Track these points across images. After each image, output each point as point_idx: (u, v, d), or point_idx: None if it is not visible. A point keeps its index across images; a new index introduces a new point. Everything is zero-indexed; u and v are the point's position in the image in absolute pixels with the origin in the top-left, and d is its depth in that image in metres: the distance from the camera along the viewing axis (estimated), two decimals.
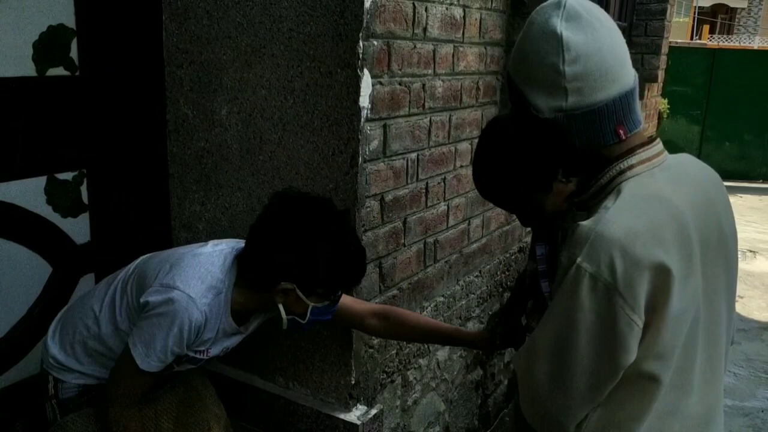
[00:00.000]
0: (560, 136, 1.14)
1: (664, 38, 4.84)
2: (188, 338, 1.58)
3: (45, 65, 1.90)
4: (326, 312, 1.70)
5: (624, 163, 1.15)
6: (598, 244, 1.05)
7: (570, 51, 1.09)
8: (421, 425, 2.52)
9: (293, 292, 1.61)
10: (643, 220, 1.07)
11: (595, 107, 1.11)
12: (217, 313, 1.63)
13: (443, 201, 2.39)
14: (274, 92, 1.94)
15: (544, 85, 1.12)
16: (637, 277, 1.03)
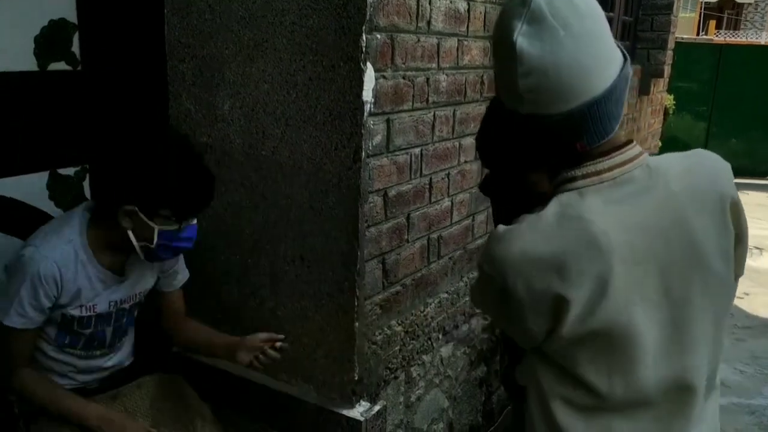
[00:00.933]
0: (519, 132, 1.14)
1: (671, 33, 4.82)
2: (46, 292, 1.61)
3: (46, 60, 1.89)
4: (180, 240, 1.69)
5: (569, 173, 1.12)
6: (498, 257, 1.12)
7: (523, 65, 1.03)
8: (425, 422, 2.51)
9: (137, 216, 1.62)
10: (549, 242, 1.08)
11: (552, 119, 1.06)
12: (74, 261, 1.65)
13: (447, 196, 2.38)
14: (276, 86, 1.93)
15: (504, 85, 1.10)
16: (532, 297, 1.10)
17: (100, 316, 1.76)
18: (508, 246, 1.10)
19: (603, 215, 1.08)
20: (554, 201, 1.11)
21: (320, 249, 1.95)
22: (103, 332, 1.80)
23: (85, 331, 1.76)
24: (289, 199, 1.98)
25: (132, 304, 1.85)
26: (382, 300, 2.09)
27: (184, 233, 1.70)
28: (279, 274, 2.05)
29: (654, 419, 1.17)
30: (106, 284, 1.74)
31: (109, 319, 1.79)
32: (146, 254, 1.70)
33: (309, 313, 2.01)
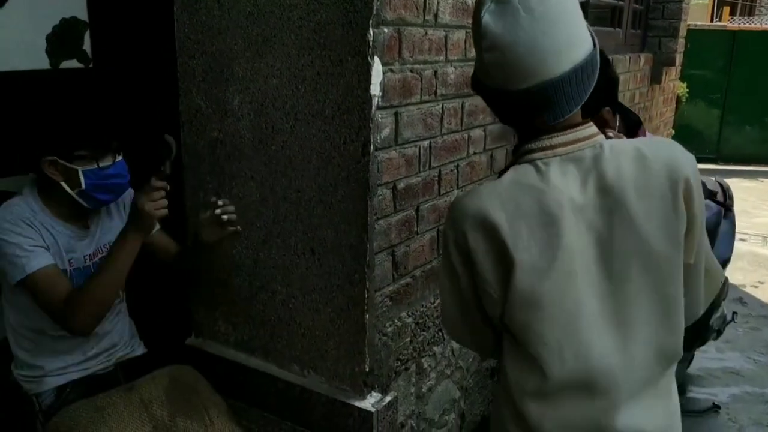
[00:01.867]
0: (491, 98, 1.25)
1: (682, 21, 4.77)
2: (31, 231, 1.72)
3: (59, 58, 1.93)
4: (108, 177, 1.79)
5: (529, 145, 1.22)
6: (459, 214, 1.22)
7: (486, 39, 1.12)
8: (437, 412, 2.53)
9: (60, 165, 1.74)
10: (504, 205, 1.17)
11: (511, 94, 1.16)
12: (32, 219, 1.75)
13: (457, 188, 2.38)
14: (285, 81, 1.94)
15: (477, 58, 1.19)
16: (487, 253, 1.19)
17: (78, 270, 1.85)
18: (467, 204, 1.21)
19: (554, 187, 1.17)
20: (512, 170, 1.22)
21: (330, 242, 1.97)
22: None
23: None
24: (299, 192, 2.00)
25: (104, 256, 1.91)
26: (392, 292, 2.10)
27: (111, 170, 1.79)
28: (290, 267, 2.07)
29: (599, 397, 1.21)
30: (72, 238, 1.84)
31: (88, 272, 1.87)
32: (86, 200, 1.80)
33: (320, 305, 2.03)
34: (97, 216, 1.93)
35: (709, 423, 3.39)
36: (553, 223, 1.15)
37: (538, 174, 1.18)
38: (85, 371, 1.88)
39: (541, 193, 1.17)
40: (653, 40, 4.90)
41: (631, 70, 4.34)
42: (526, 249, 1.15)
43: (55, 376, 1.84)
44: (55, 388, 1.83)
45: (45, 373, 1.83)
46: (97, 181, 1.77)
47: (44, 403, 1.83)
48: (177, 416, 1.82)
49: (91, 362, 1.90)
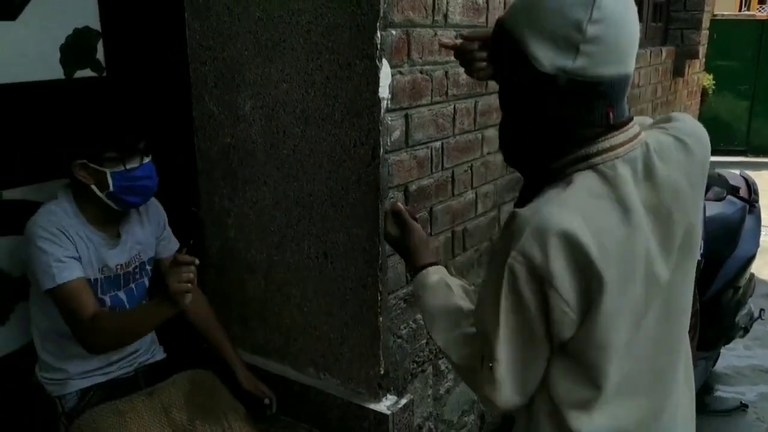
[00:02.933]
0: (551, 95, 1.06)
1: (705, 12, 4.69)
2: (62, 240, 1.74)
3: (72, 68, 1.95)
4: (136, 179, 1.80)
5: (590, 149, 1.08)
6: (535, 235, 1.02)
7: (600, 9, 1.00)
8: (455, 414, 2.52)
9: (90, 168, 1.76)
10: (587, 220, 1.03)
11: (599, 80, 1.04)
12: (67, 222, 1.78)
13: (471, 189, 2.37)
14: (295, 86, 1.95)
15: (557, 38, 1.02)
16: (571, 275, 1.03)
17: (108, 278, 1.87)
18: (547, 223, 1.03)
19: (626, 194, 1.07)
20: (576, 179, 1.08)
21: (343, 245, 1.97)
22: (117, 298, 1.89)
23: (104, 297, 1.85)
24: (311, 196, 2.00)
25: (135, 267, 1.95)
26: (406, 294, 2.10)
27: (139, 172, 1.81)
28: (303, 270, 2.08)
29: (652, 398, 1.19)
30: (104, 246, 1.86)
31: (118, 282, 1.90)
32: (115, 202, 1.82)
33: (334, 308, 2.04)
34: (128, 224, 1.94)
35: (736, 422, 3.32)
36: (632, 233, 1.06)
37: (605, 181, 1.07)
38: (107, 375, 1.91)
39: (616, 202, 1.06)
40: (675, 32, 4.82)
41: (653, 63, 4.28)
42: (614, 266, 1.04)
43: (78, 380, 1.87)
44: (78, 390, 1.86)
45: (69, 377, 1.86)
46: (124, 183, 1.79)
47: (67, 406, 1.86)
48: (196, 420, 1.83)
49: (113, 367, 1.93)
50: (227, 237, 2.25)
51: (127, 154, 1.79)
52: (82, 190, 1.81)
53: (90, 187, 1.78)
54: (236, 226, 2.21)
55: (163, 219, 2.07)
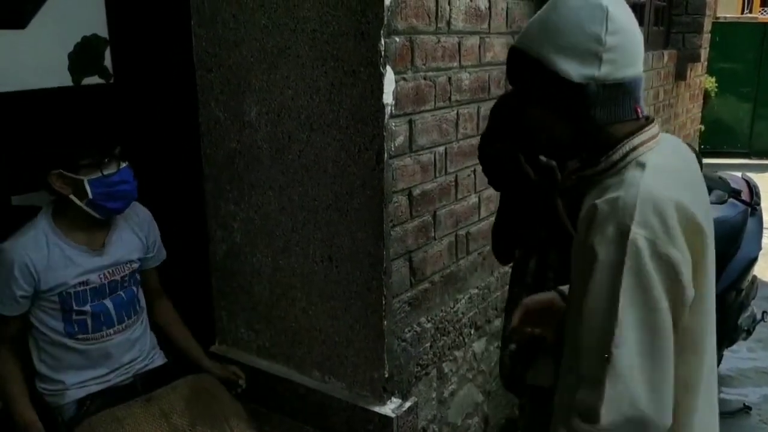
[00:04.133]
0: (586, 103, 1.17)
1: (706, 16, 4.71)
2: (23, 281, 1.77)
3: (80, 75, 1.98)
4: (114, 184, 1.81)
5: (636, 140, 1.18)
6: (648, 207, 1.08)
7: (613, 22, 1.14)
8: (459, 416, 2.54)
9: (66, 177, 1.77)
10: (680, 186, 1.14)
11: (623, 81, 1.16)
12: (45, 243, 1.81)
13: (474, 193, 2.39)
14: (300, 92, 1.97)
15: (579, 52, 1.14)
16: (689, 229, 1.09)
17: (93, 289, 1.88)
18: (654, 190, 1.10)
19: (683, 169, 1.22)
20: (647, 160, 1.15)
21: (347, 249, 1.99)
22: (104, 306, 1.91)
23: (85, 307, 1.87)
24: (316, 201, 2.02)
25: (123, 275, 1.96)
26: (410, 297, 2.12)
27: (116, 177, 1.82)
28: (309, 274, 2.10)
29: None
30: (85, 258, 1.87)
31: (103, 291, 1.91)
32: (95, 209, 1.83)
33: (338, 312, 2.06)
34: (115, 232, 1.95)
35: (739, 424, 3.33)
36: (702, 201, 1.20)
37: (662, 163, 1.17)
38: (105, 384, 1.93)
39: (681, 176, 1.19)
40: (677, 36, 4.84)
41: (654, 67, 4.30)
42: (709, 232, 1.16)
43: (75, 389, 1.89)
44: (75, 400, 1.88)
45: (66, 387, 1.87)
46: (103, 189, 1.79)
47: (66, 415, 1.87)
48: (197, 425, 1.85)
49: (111, 375, 1.94)
50: (233, 241, 2.27)
51: (102, 159, 1.79)
52: (61, 202, 1.82)
53: (68, 198, 1.79)
54: (242, 231, 2.24)
55: (155, 231, 2.09)
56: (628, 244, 1.06)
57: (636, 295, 1.07)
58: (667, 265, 1.07)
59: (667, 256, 1.07)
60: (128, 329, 1.97)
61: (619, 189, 1.12)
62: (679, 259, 1.07)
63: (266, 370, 2.25)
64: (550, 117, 1.22)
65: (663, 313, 1.08)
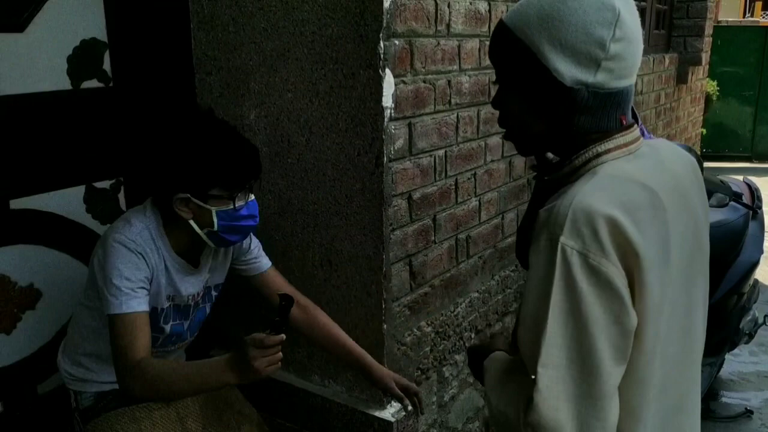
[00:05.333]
0: (571, 108, 1.08)
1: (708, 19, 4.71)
2: (140, 269, 1.61)
3: (79, 78, 1.97)
4: (240, 218, 1.67)
5: (600, 147, 1.09)
6: (579, 218, 0.99)
7: (621, 29, 1.04)
8: (460, 421, 2.53)
9: (192, 203, 1.63)
10: (620, 200, 1.02)
11: (615, 91, 1.08)
12: (154, 246, 1.67)
13: (474, 196, 2.38)
14: (299, 95, 1.97)
15: (578, 53, 1.05)
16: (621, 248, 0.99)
17: (177, 307, 1.78)
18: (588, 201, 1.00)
19: (651, 180, 1.08)
20: (599, 170, 1.08)
21: (347, 253, 1.99)
22: (182, 326, 1.83)
23: (166, 326, 1.77)
24: (316, 204, 2.02)
25: (203, 295, 1.86)
26: (410, 302, 2.11)
27: (244, 211, 1.68)
28: (308, 278, 2.09)
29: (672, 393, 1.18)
30: (182, 275, 1.76)
31: (187, 311, 1.82)
32: (214, 240, 1.71)
33: (338, 316, 2.05)
34: (208, 254, 1.83)
35: (741, 428, 3.32)
36: (660, 214, 1.06)
37: (625, 170, 1.09)
38: None
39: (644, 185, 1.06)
40: (678, 39, 4.83)
41: (656, 71, 4.29)
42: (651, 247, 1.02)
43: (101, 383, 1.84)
44: (97, 392, 1.83)
45: (93, 378, 1.80)
46: (229, 222, 1.67)
47: (82, 404, 1.81)
48: (209, 429, 1.83)
49: None
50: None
51: (237, 192, 1.67)
52: (173, 220, 1.69)
53: (187, 222, 1.67)
54: None
55: (247, 242, 1.92)
56: (557, 255, 0.99)
57: (565, 312, 0.99)
58: (601, 279, 0.98)
59: (599, 270, 0.98)
60: (185, 345, 1.92)
61: (559, 197, 1.06)
62: (614, 273, 0.98)
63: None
64: (527, 110, 1.12)
65: (596, 332, 0.99)
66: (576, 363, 1.00)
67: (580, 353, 1.00)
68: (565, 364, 1.00)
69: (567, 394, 1.00)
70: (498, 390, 1.17)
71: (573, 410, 1.00)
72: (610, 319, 0.99)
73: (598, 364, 0.99)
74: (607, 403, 1.01)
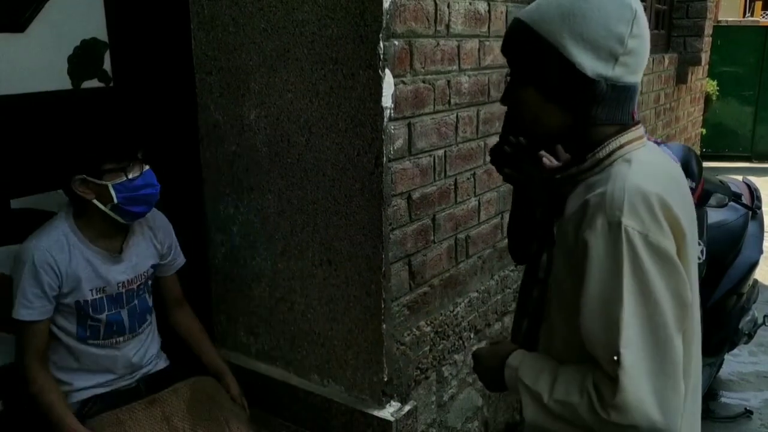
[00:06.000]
0: (592, 99, 1.14)
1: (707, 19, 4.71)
2: (47, 279, 1.74)
3: (80, 78, 1.98)
4: (139, 188, 1.79)
5: (622, 138, 1.16)
6: (636, 200, 1.06)
7: (638, 25, 1.12)
8: (459, 420, 2.53)
9: (90, 182, 1.74)
10: (661, 183, 1.11)
11: (629, 85, 1.16)
12: (66, 245, 1.78)
13: (474, 196, 2.39)
14: (299, 95, 1.97)
15: (599, 48, 1.11)
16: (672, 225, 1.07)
17: (110, 297, 1.87)
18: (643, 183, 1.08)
19: (668, 167, 1.20)
20: (633, 157, 1.15)
21: (346, 252, 1.99)
22: (119, 315, 1.90)
23: (100, 315, 1.85)
24: (315, 204, 2.02)
25: (139, 284, 1.94)
26: (409, 301, 2.12)
27: (139, 181, 1.79)
28: (308, 277, 2.10)
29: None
30: (105, 264, 1.85)
31: (120, 300, 1.89)
32: (120, 214, 1.81)
33: (338, 315, 2.06)
34: (132, 239, 1.93)
35: (741, 428, 3.32)
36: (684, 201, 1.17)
37: (648, 160, 1.17)
38: (109, 387, 1.92)
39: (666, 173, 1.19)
40: (678, 39, 4.84)
41: (655, 71, 4.29)
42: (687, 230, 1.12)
43: (81, 391, 1.89)
44: (79, 401, 1.87)
45: (71, 389, 1.86)
46: (128, 194, 1.77)
47: None
48: (198, 427, 1.85)
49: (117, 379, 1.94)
50: (232, 245, 2.27)
51: (126, 163, 1.77)
52: (82, 206, 1.79)
53: (92, 203, 1.76)
54: (241, 234, 2.24)
55: (171, 236, 2.05)
56: (622, 236, 1.04)
57: (637, 292, 1.05)
58: (662, 256, 1.05)
59: (660, 247, 1.05)
60: (137, 337, 1.96)
61: (606, 184, 1.11)
62: (672, 249, 1.06)
63: (265, 373, 2.25)
64: (545, 102, 1.18)
65: (665, 307, 1.05)
66: (652, 339, 1.05)
67: (655, 330, 1.05)
68: (643, 342, 1.05)
69: (647, 370, 1.05)
70: (548, 381, 1.18)
71: (652, 385, 1.05)
72: (673, 293, 1.06)
73: (670, 338, 1.06)
74: (680, 374, 1.07)
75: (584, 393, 1.10)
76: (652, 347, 1.05)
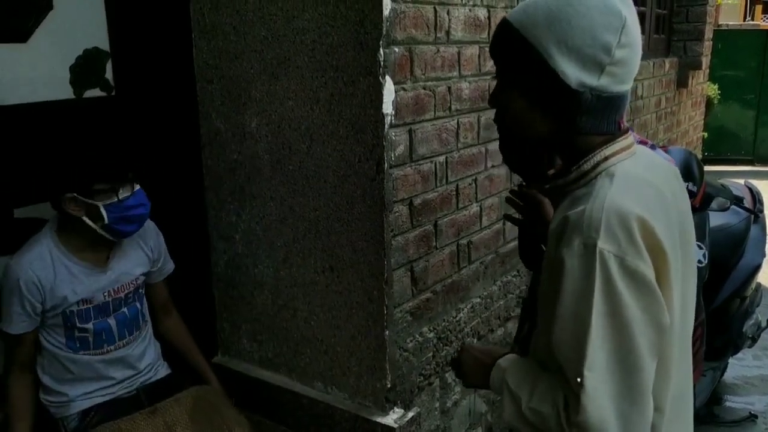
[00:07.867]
0: (575, 109, 1.11)
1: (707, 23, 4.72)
2: (29, 299, 1.77)
3: (82, 87, 1.99)
4: (129, 208, 1.80)
5: (607, 150, 1.13)
6: (613, 221, 1.02)
7: (627, 34, 1.07)
8: (463, 427, 2.53)
9: (80, 201, 1.76)
10: (641, 199, 1.07)
11: (615, 95, 1.11)
12: (50, 260, 1.80)
13: (475, 202, 2.39)
14: (300, 103, 1.98)
15: (584, 57, 1.07)
16: (651, 247, 1.03)
17: (97, 307, 1.88)
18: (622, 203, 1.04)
19: (657, 181, 1.14)
20: (616, 171, 1.12)
21: (348, 259, 1.99)
22: (106, 323, 1.91)
23: (87, 325, 1.87)
24: (317, 211, 2.03)
25: (127, 293, 1.96)
26: (412, 307, 2.11)
27: (131, 201, 1.81)
28: (310, 284, 2.10)
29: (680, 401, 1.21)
30: (91, 276, 1.87)
31: (107, 309, 1.91)
32: (110, 233, 1.83)
33: (340, 322, 2.06)
34: (120, 250, 1.95)
35: None
36: (668, 213, 1.12)
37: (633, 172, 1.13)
38: (109, 396, 1.93)
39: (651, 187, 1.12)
40: (678, 44, 4.84)
41: (656, 75, 4.30)
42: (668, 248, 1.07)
43: (79, 401, 1.89)
44: (79, 412, 1.88)
45: (69, 399, 1.88)
46: (119, 214, 1.78)
47: (69, 427, 1.88)
48: None
49: (115, 387, 1.95)
50: (235, 252, 2.28)
51: (117, 184, 1.78)
52: (70, 222, 1.80)
53: (81, 219, 1.78)
54: (243, 242, 2.24)
55: (160, 243, 2.08)
56: (596, 260, 1.01)
57: (607, 315, 1.02)
58: (638, 280, 1.02)
59: (637, 271, 1.01)
60: (130, 344, 1.97)
61: (587, 201, 1.08)
62: (649, 273, 1.02)
63: (269, 380, 2.25)
64: (529, 108, 1.15)
65: (636, 332, 1.02)
66: (619, 363, 1.03)
67: (623, 354, 1.03)
68: (609, 366, 1.03)
69: (611, 394, 1.04)
70: (528, 388, 1.18)
71: (617, 408, 1.04)
72: (648, 318, 1.04)
73: (639, 362, 1.03)
74: (647, 399, 1.05)
75: (554, 406, 1.10)
76: (618, 371, 1.03)
